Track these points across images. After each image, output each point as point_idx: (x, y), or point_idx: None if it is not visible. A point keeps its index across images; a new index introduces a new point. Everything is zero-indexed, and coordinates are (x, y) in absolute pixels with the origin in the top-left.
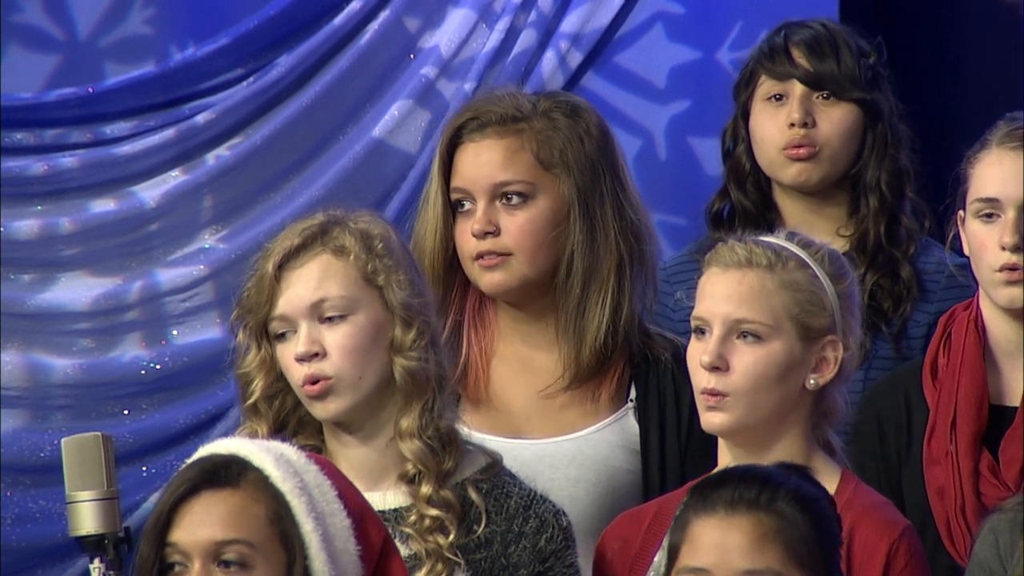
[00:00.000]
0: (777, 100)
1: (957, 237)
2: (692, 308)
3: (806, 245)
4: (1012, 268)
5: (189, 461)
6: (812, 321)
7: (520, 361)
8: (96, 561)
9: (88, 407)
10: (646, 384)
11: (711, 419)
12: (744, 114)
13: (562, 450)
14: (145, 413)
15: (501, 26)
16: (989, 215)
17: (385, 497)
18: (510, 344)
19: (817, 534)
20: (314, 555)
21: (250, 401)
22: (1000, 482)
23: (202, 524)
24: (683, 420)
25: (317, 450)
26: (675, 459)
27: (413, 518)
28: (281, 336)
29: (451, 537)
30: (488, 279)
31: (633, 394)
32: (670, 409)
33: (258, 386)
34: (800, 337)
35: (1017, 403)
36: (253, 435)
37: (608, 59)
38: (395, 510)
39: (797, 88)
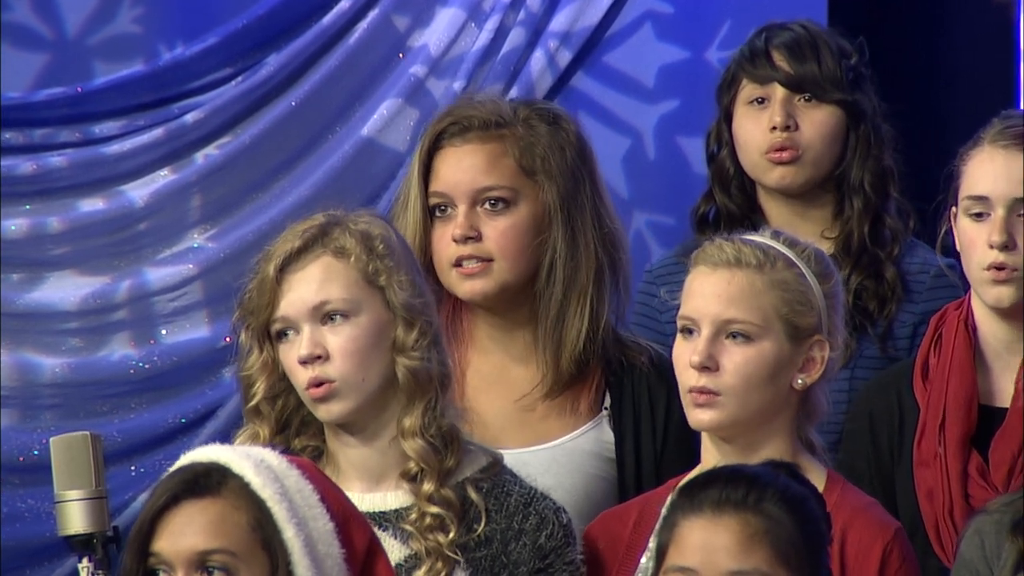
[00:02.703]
0: (759, 103)
1: (949, 233)
2: (677, 308)
3: (792, 244)
4: (1000, 267)
5: (170, 470)
6: (800, 321)
7: (495, 372)
8: (85, 560)
9: (77, 406)
10: (621, 392)
11: (700, 416)
12: (727, 117)
13: (537, 459)
14: (134, 412)
15: (490, 25)
16: (979, 214)
17: (386, 498)
18: (484, 355)
19: (804, 534)
20: (297, 560)
21: (252, 403)
22: (989, 484)
23: (184, 534)
24: (658, 427)
25: (318, 451)
26: (650, 466)
27: (414, 516)
28: (283, 337)
29: (451, 535)
30: (468, 286)
31: (608, 402)
32: (645, 416)
33: (260, 388)
34: (788, 337)
35: (1007, 404)
36: (255, 437)
37: (597, 58)
38: (396, 510)
39: (778, 91)
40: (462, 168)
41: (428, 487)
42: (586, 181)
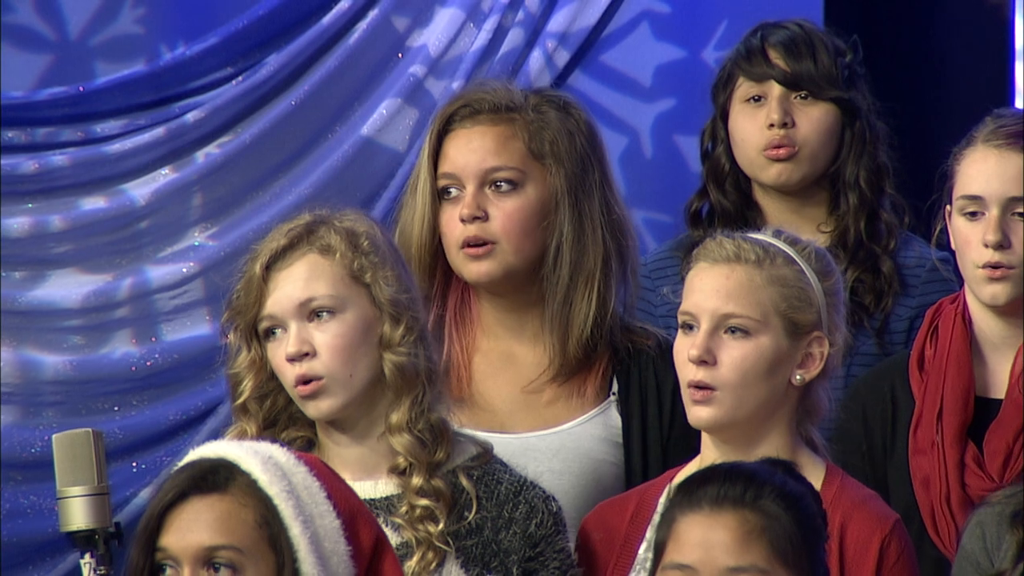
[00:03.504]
0: (756, 101)
1: (944, 231)
2: (677, 304)
3: (793, 242)
4: (995, 265)
5: (178, 465)
6: (799, 317)
7: (502, 356)
8: (87, 556)
9: (79, 403)
10: (628, 377)
11: (699, 414)
12: (723, 115)
13: (546, 443)
14: (135, 409)
15: (489, 25)
16: (973, 213)
17: (376, 486)
18: (492, 339)
19: (801, 531)
20: (303, 557)
21: (239, 401)
22: (984, 473)
23: (191, 530)
24: (664, 412)
25: (309, 440)
26: (657, 450)
27: (404, 508)
28: (271, 336)
29: (440, 525)
30: (474, 268)
31: (615, 388)
32: (652, 401)
33: (248, 386)
34: (787, 332)
35: (1002, 395)
36: (242, 435)
37: (594, 58)
38: (386, 498)
39: (775, 89)
40: (471, 149)
41: (417, 481)
42: (595, 168)
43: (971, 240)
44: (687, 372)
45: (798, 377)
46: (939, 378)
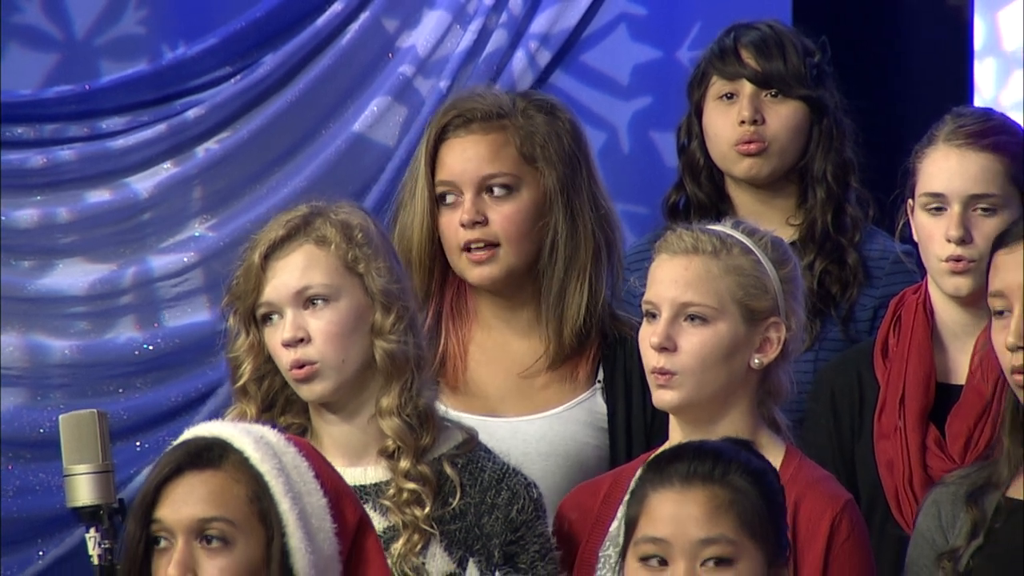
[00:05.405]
0: (728, 99)
1: (907, 225)
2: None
3: (750, 232)
4: (956, 259)
5: (174, 443)
6: (755, 304)
7: (497, 347)
8: (92, 531)
9: (85, 386)
10: (613, 365)
11: (662, 396)
12: (697, 111)
13: (533, 427)
14: (138, 392)
15: (474, 27)
16: (936, 208)
17: (366, 472)
18: (487, 331)
19: (767, 504)
20: (291, 532)
21: (240, 383)
22: (946, 455)
23: (185, 503)
24: (648, 399)
25: (303, 428)
26: (640, 435)
27: (392, 491)
28: (268, 321)
29: (427, 509)
30: (477, 272)
31: (601, 375)
32: (636, 389)
33: (247, 369)
34: (744, 319)
35: (962, 381)
36: (242, 415)
37: (575, 58)
38: (375, 484)
39: (747, 87)
40: (467, 157)
41: (405, 464)
42: (582, 166)
43: (934, 235)
44: (650, 358)
45: (756, 361)
46: (901, 365)
